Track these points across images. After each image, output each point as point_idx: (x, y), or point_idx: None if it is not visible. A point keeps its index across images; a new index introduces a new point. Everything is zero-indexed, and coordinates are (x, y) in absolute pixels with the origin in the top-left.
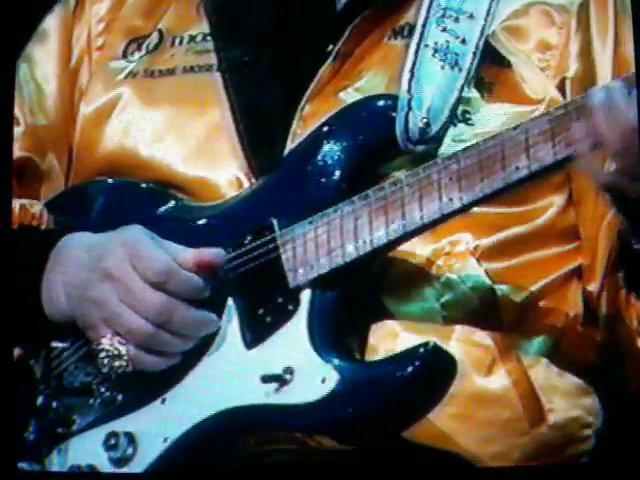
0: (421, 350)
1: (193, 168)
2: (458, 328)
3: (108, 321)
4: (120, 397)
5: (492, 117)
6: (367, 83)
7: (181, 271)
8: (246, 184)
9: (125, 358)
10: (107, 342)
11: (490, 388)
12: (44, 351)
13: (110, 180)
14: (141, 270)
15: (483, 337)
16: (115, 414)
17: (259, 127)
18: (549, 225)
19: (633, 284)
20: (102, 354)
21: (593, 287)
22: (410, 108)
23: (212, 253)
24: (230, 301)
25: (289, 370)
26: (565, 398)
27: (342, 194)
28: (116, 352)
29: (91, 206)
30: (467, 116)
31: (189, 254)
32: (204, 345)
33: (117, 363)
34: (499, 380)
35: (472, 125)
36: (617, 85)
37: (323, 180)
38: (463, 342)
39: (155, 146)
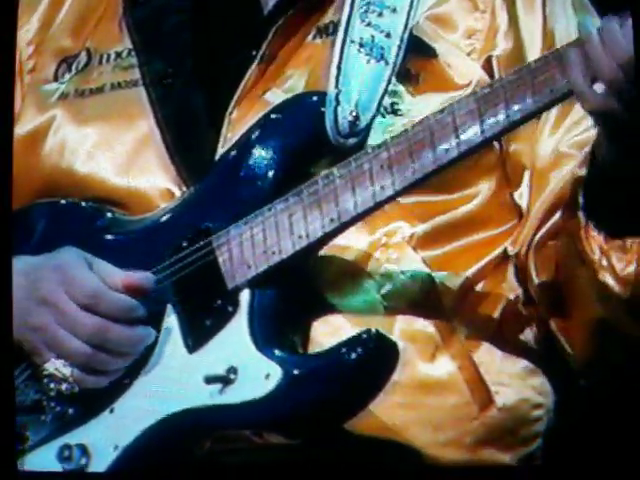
0: (364, 337)
1: (124, 181)
2: (400, 318)
3: (49, 345)
4: (71, 411)
5: (421, 107)
6: (294, 83)
7: (110, 293)
8: (177, 194)
9: (70, 380)
10: (51, 366)
11: (435, 375)
12: None
13: (50, 201)
14: (72, 294)
15: (425, 325)
16: (67, 427)
17: (186, 136)
18: (480, 210)
19: (593, 214)
20: (46, 379)
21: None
22: (338, 102)
23: (139, 277)
24: (169, 308)
25: (232, 370)
26: (512, 380)
27: (277, 194)
28: (61, 375)
29: (33, 229)
30: (396, 107)
31: (118, 277)
32: (148, 353)
33: (64, 386)
34: (444, 366)
35: (401, 116)
36: (611, 19)
37: (257, 181)
38: (406, 331)
39: (89, 163)
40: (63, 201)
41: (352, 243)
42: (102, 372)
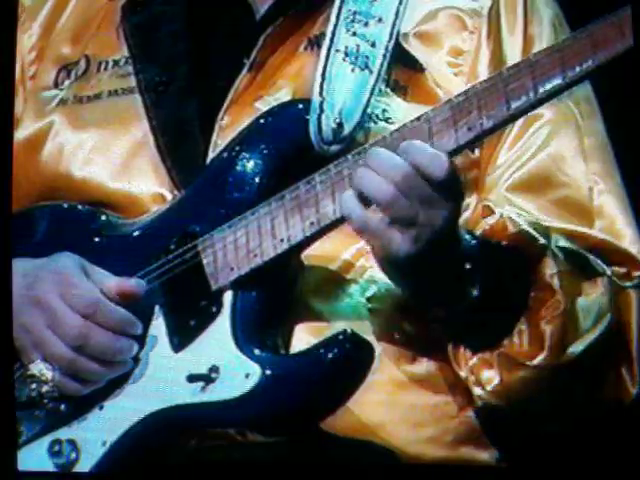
0: (340, 337)
1: (119, 184)
2: (383, 319)
3: (36, 346)
4: (63, 407)
5: (412, 114)
6: (284, 93)
7: (109, 303)
8: (169, 198)
9: (51, 384)
10: (35, 367)
11: (416, 373)
12: None
13: (47, 204)
14: (69, 299)
15: (407, 325)
16: (59, 423)
17: (178, 142)
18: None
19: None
20: (29, 380)
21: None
22: (322, 110)
23: (131, 283)
24: (157, 308)
25: (214, 369)
26: None
27: (262, 198)
28: (43, 378)
29: (34, 231)
30: (387, 115)
31: (111, 284)
32: (137, 353)
33: (44, 388)
34: (424, 366)
35: (392, 123)
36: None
37: (243, 186)
38: (387, 332)
39: (86, 168)
40: (62, 204)
41: (338, 250)
42: (82, 379)
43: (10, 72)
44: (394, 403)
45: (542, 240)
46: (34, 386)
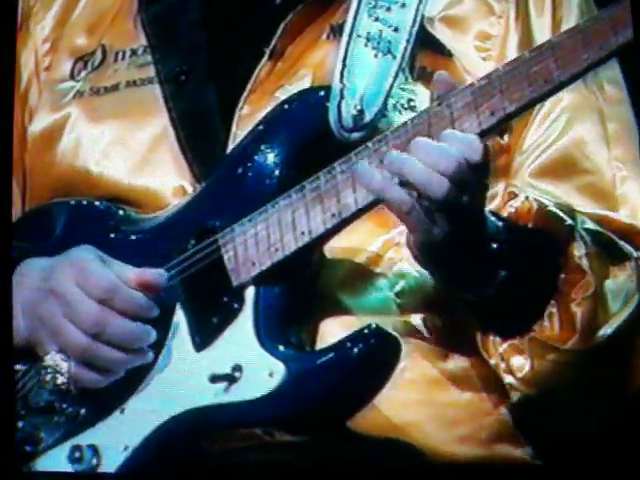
0: (365, 332)
1: (138, 180)
2: (413, 315)
3: (52, 336)
4: (83, 411)
5: None
6: (306, 82)
7: (125, 288)
8: (190, 191)
9: (66, 375)
10: (50, 359)
11: (449, 370)
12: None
13: (65, 201)
14: (87, 287)
15: (439, 321)
16: (79, 428)
17: (199, 134)
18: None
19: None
20: (44, 371)
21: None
22: (342, 97)
23: (153, 273)
24: (178, 306)
25: (238, 368)
26: None
27: (282, 189)
28: (58, 368)
29: (50, 229)
30: (412, 104)
31: (132, 274)
32: (157, 352)
33: (59, 380)
34: (457, 362)
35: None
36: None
37: (263, 178)
38: (418, 328)
39: (103, 162)
40: (80, 201)
41: (366, 242)
42: (99, 368)
43: (10, 73)
44: (427, 402)
45: (569, 221)
46: (49, 378)
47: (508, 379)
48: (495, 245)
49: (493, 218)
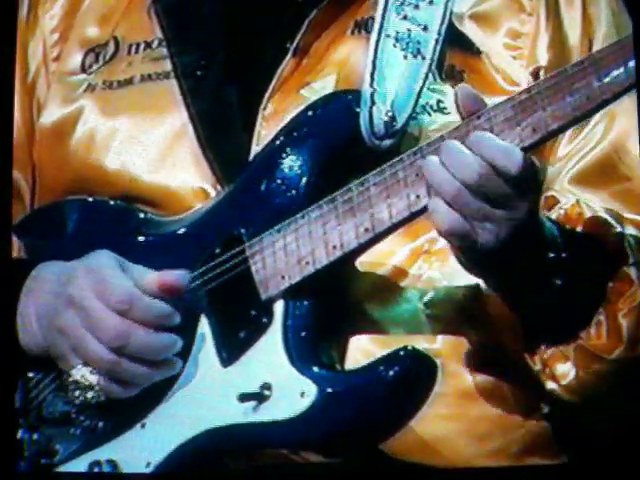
0: (400, 353)
1: (156, 180)
2: (443, 326)
3: (75, 349)
4: (101, 424)
5: None
6: (331, 80)
7: (144, 298)
8: (212, 193)
9: (97, 389)
10: (77, 373)
11: (480, 383)
12: (22, 383)
13: (79, 199)
14: (104, 297)
15: (469, 333)
16: (97, 442)
17: (220, 132)
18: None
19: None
20: (72, 386)
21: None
22: (374, 102)
23: (174, 276)
24: (203, 318)
25: (267, 386)
26: None
27: (310, 199)
28: (87, 383)
29: (62, 228)
30: (442, 105)
31: (152, 278)
32: (180, 366)
33: (90, 395)
34: (488, 375)
35: (448, 114)
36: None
37: (290, 185)
38: (449, 340)
39: (118, 160)
40: (96, 199)
41: (393, 251)
42: (126, 381)
43: (10, 72)
44: (457, 416)
45: (618, 228)
46: (78, 393)
47: (550, 386)
48: (551, 254)
49: (549, 224)
